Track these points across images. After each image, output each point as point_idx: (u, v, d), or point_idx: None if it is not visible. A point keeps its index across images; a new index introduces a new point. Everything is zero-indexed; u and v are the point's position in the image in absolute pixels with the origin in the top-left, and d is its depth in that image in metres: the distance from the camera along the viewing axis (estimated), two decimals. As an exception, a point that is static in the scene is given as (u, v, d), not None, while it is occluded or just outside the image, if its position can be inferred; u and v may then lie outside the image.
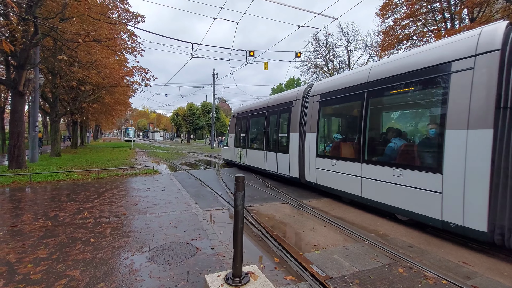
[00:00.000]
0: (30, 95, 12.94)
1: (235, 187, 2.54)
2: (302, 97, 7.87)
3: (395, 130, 5.30)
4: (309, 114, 7.47)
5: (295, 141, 7.92)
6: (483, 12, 12.58)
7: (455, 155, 3.92)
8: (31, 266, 3.11)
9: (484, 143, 3.61)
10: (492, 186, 3.54)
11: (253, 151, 10.77)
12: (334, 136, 6.90)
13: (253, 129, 11.26)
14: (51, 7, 9.67)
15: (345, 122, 7.06)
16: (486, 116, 3.63)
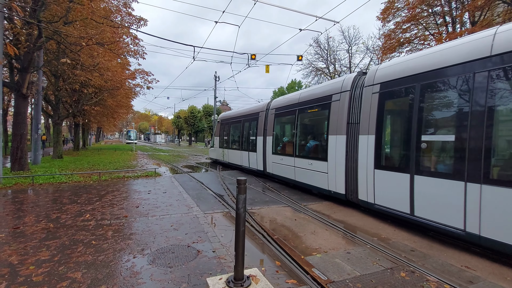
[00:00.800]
0: (33, 98, 13.04)
1: (237, 190, 2.55)
2: (266, 110, 10.26)
3: (311, 136, 7.85)
4: (269, 123, 9.79)
5: (260, 143, 10.28)
6: (485, 16, 12.61)
7: (332, 150, 6.53)
8: (33, 268, 3.11)
9: (341, 143, 6.23)
10: (347, 168, 6.12)
11: (233, 151, 13.20)
12: (283, 139, 9.28)
13: (233, 133, 13.56)
14: (55, 11, 9.77)
15: (288, 129, 9.15)
16: (341, 127, 6.26)
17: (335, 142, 6.45)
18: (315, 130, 7.94)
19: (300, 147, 7.96)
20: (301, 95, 8.14)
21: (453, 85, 4.08)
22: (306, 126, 8.23)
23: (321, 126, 7.50)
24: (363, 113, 5.71)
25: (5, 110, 19.83)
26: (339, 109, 6.38)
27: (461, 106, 3.97)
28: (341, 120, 6.29)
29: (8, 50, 6.28)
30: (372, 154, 5.38)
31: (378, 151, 5.29)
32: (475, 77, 3.72)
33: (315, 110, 7.45)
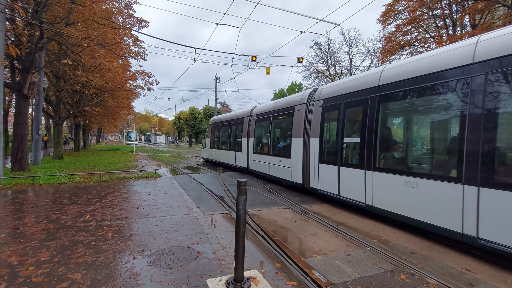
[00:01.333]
0: (34, 98, 13.06)
1: (237, 191, 2.55)
2: (249, 115, 11.69)
3: (280, 138, 9.55)
4: (251, 127, 11.33)
5: (245, 144, 11.79)
6: (485, 19, 12.65)
7: (295, 149, 8.06)
8: (32, 269, 3.11)
9: (300, 144, 7.80)
10: (303, 163, 7.69)
11: (222, 151, 14.77)
12: (262, 140, 10.74)
13: (222, 135, 15.19)
14: (57, 12, 9.82)
15: (265, 132, 10.58)
16: (300, 131, 7.85)
17: (296, 143, 8.08)
18: (283, 134, 9.48)
19: (273, 147, 9.70)
20: (275, 105, 9.92)
21: (360, 103, 5.82)
22: (278, 130, 9.87)
23: (287, 130, 8.87)
24: (312, 121, 7.45)
25: (6, 111, 19.87)
26: (299, 117, 8.07)
27: (363, 118, 5.67)
28: (300, 126, 7.95)
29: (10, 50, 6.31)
30: (317, 152, 7.16)
31: (321, 150, 7.08)
32: (370, 100, 5.57)
33: (283, 117, 9.17)
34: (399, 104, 5.28)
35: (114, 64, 13.94)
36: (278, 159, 9.01)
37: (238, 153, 12.43)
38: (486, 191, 3.54)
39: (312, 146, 7.31)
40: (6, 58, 9.40)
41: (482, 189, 3.58)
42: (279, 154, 9.06)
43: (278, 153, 9.19)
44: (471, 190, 3.70)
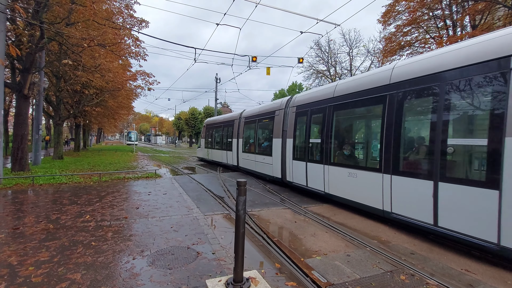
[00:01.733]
0: (34, 98, 13.08)
1: (237, 191, 2.55)
2: (239, 118, 13.04)
3: (264, 138, 10.72)
4: (240, 128, 12.71)
5: (235, 144, 13.05)
6: (485, 20, 12.64)
7: (275, 148, 9.28)
8: (32, 269, 3.11)
9: (279, 144, 9.01)
10: (282, 160, 8.92)
11: (215, 150, 16.11)
12: (250, 141, 11.93)
13: (215, 136, 16.40)
14: (58, 12, 9.82)
15: (252, 133, 11.81)
16: (280, 133, 9.06)
17: (276, 143, 9.32)
18: (266, 135, 10.56)
19: (259, 147, 10.95)
20: (260, 109, 11.24)
21: (321, 111, 7.21)
22: (262, 132, 11.03)
23: (269, 132, 10.05)
24: (288, 124, 8.70)
25: (6, 111, 19.88)
26: (278, 121, 9.32)
27: (323, 122, 7.08)
28: (279, 129, 9.17)
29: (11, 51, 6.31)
30: (291, 150, 8.40)
31: (294, 149, 8.32)
32: (327, 108, 6.94)
33: (266, 121, 10.35)
34: (345, 113, 6.67)
35: (115, 64, 13.94)
36: (262, 157, 10.33)
37: (229, 152, 13.72)
38: (396, 178, 4.93)
39: (288, 145, 8.63)
40: (7, 58, 9.41)
41: (394, 176, 4.96)
42: (263, 153, 10.34)
43: (262, 152, 10.49)
44: (387, 178, 5.08)
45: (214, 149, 16.28)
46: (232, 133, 13.53)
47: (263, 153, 10.35)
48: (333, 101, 6.72)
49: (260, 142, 10.94)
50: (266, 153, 10.05)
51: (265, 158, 10.07)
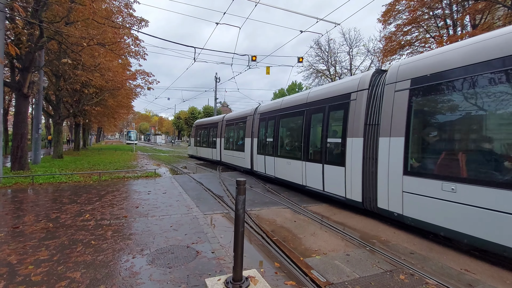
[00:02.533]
0: (34, 97, 13.04)
1: (236, 191, 2.55)
2: (222, 120, 15.09)
3: (239, 138, 12.70)
4: (223, 129, 14.83)
5: (218, 142, 15.37)
6: (485, 19, 12.64)
7: (246, 145, 11.60)
8: (32, 268, 3.11)
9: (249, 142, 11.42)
10: (251, 155, 11.17)
11: (202, 148, 18.64)
12: (229, 139, 14.04)
13: (203, 135, 18.82)
14: (57, 11, 9.80)
15: (231, 134, 13.97)
16: (250, 134, 11.38)
17: (247, 142, 11.55)
18: (240, 134, 12.84)
19: (236, 144, 13.28)
20: (237, 114, 13.76)
21: (273, 118, 9.54)
22: (238, 132, 13.22)
23: (243, 133, 12.37)
24: (254, 127, 11.07)
25: (6, 110, 19.85)
26: (249, 124, 11.57)
27: (274, 126, 9.42)
28: (249, 130, 11.42)
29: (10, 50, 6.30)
30: (255, 146, 10.76)
31: (258, 146, 10.54)
32: (276, 116, 9.36)
33: (241, 124, 12.64)
34: (286, 120, 9.03)
35: (114, 64, 13.93)
36: (238, 153, 12.66)
37: (214, 149, 16.15)
38: (308, 163, 7.45)
39: (254, 143, 10.95)
40: (6, 57, 9.38)
41: (309, 163, 7.38)
42: (239, 149, 12.66)
43: (238, 149, 12.82)
44: (304, 163, 7.59)
45: (201, 147, 18.93)
46: (216, 133, 16.00)
47: (238, 150, 12.68)
48: (280, 111, 9.25)
49: (236, 141, 13.34)
50: (240, 150, 12.38)
51: (240, 153, 12.46)
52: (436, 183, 4.12)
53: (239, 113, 13.53)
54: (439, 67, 4.30)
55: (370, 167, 5.48)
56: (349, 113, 6.09)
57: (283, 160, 8.70)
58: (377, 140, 5.28)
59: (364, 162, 5.64)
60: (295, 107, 8.29)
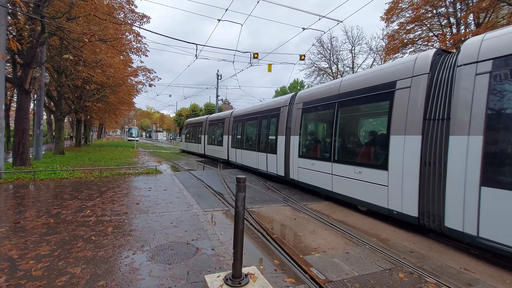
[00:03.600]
0: (35, 93, 13.09)
1: (236, 188, 2.55)
2: (206, 120, 18.23)
3: (219, 135, 15.57)
4: (206, 128, 18.06)
5: (203, 139, 18.39)
6: (489, 18, 12.53)
7: (224, 141, 14.64)
8: (32, 263, 3.13)
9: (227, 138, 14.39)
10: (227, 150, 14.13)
11: (191, 143, 21.53)
12: (211, 136, 16.91)
13: (191, 133, 21.84)
14: (58, 6, 9.79)
15: (213, 132, 16.84)
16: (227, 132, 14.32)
17: (225, 138, 14.21)
18: (220, 133, 15.41)
19: (216, 140, 15.94)
20: (218, 116, 16.50)
21: (241, 120, 12.34)
22: (218, 130, 15.95)
23: (222, 131, 15.03)
24: (230, 127, 13.60)
25: (7, 106, 19.90)
26: (226, 125, 14.17)
27: (242, 127, 12.33)
28: (227, 129, 14.05)
29: (11, 45, 6.29)
30: (231, 142, 13.31)
31: (233, 141, 13.06)
32: (241, 120, 12.50)
33: (220, 124, 15.46)
34: (248, 122, 11.77)
35: (116, 60, 13.91)
36: (219, 147, 15.27)
37: (200, 144, 19.03)
38: (260, 153, 10.17)
39: (231, 139, 13.46)
40: (8, 53, 9.39)
41: (260, 153, 10.22)
42: (219, 144, 15.41)
43: (218, 143, 15.49)
44: (257, 153, 10.46)
45: (190, 142, 21.91)
46: (201, 131, 18.91)
47: (218, 144, 15.49)
48: (236, 117, 12.87)
49: (217, 137, 16.05)
50: (220, 144, 15.17)
51: (219, 147, 15.22)
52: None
53: (219, 115, 16.63)
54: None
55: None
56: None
57: (247, 152, 11.50)
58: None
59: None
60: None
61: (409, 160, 4.63)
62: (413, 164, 4.57)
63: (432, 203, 4.32)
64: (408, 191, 4.64)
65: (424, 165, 4.45)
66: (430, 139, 4.43)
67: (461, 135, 3.92)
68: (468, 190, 3.79)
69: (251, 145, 11.31)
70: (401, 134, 4.84)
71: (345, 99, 6.27)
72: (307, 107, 7.86)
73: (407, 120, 4.76)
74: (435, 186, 4.28)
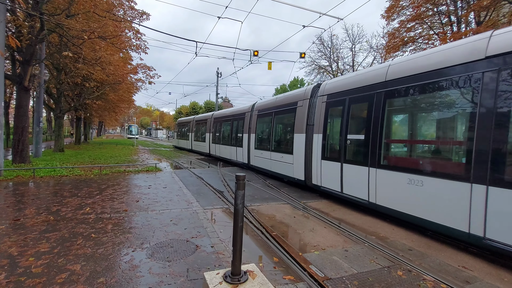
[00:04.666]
0: (35, 91, 13.07)
1: (236, 186, 2.55)
2: (193, 120, 21.17)
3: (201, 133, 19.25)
4: (193, 126, 20.84)
5: (190, 136, 21.36)
6: (490, 16, 12.48)
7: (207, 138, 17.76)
8: (32, 260, 3.14)
9: (208, 135, 17.22)
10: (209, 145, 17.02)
11: (181, 140, 24.69)
12: (197, 133, 19.83)
13: (181, 131, 25.10)
14: (58, 3, 9.74)
15: (198, 130, 19.77)
16: (209, 130, 17.06)
17: (207, 136, 16.84)
18: (203, 130, 18.11)
19: (201, 138, 18.69)
20: (202, 116, 19.48)
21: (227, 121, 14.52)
22: (201, 128, 18.92)
23: (204, 129, 17.81)
24: (212, 128, 16.37)
25: (7, 103, 19.85)
26: (209, 124, 16.91)
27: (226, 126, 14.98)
28: (209, 129, 16.65)
29: (10, 42, 6.27)
30: (211, 138, 16.32)
31: (213, 137, 16.09)
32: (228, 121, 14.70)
33: (203, 123, 18.33)
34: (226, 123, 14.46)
35: (115, 57, 13.86)
36: (201, 143, 18.57)
37: (188, 141, 22.21)
38: (238, 148, 12.26)
39: (210, 136, 16.40)
40: (7, 50, 9.36)
41: (238, 148, 12.22)
42: (201, 140, 18.50)
43: (201, 140, 18.62)
44: (235, 148, 12.54)
45: (180, 139, 25.18)
46: (189, 129, 21.99)
47: (201, 140, 18.62)
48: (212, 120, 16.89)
49: (201, 135, 18.89)
50: (202, 140, 18.14)
51: (201, 143, 18.44)
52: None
53: (203, 116, 19.56)
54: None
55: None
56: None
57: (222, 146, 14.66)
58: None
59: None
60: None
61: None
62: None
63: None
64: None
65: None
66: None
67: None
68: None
69: (227, 140, 13.83)
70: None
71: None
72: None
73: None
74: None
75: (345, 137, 6.12)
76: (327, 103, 6.94)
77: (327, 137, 6.89)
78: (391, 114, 5.35)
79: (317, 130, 7.20)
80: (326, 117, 6.91)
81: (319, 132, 7.09)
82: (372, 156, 5.33)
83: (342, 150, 6.18)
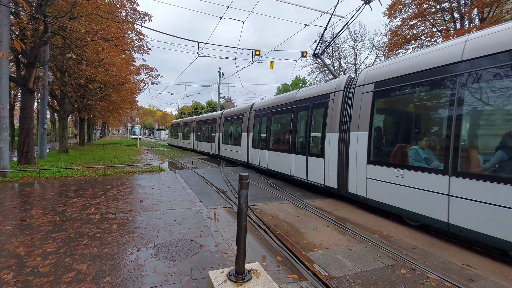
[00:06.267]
0: (39, 93, 13.17)
1: (239, 185, 2.57)
2: (182, 122, 26.76)
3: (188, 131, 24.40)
4: (181, 127, 26.47)
5: (180, 135, 26.64)
6: (493, 13, 12.38)
7: (191, 136, 22.84)
8: (39, 259, 3.19)
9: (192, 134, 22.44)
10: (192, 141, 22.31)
11: (174, 139, 28.80)
12: (197, 133, 20.82)
13: (174, 131, 29.47)
14: (61, 6, 9.83)
15: (187, 130, 24.39)
16: (193, 129, 21.88)
17: (191, 135, 21.78)
18: (188, 130, 22.89)
19: (184, 135, 24.22)
20: (188, 119, 23.86)
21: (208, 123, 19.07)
22: (186, 129, 23.19)
23: (189, 129, 22.55)
24: (196, 128, 20.78)
25: (11, 105, 20.06)
26: (192, 125, 21.73)
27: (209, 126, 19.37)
28: (193, 129, 21.42)
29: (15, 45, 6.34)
30: (195, 137, 20.77)
31: (197, 137, 20.36)
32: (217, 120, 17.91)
33: (189, 125, 22.63)
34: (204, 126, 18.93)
35: (118, 59, 13.97)
36: (186, 140, 22.82)
37: (178, 139, 26.92)
38: (222, 145, 15.22)
39: (195, 135, 20.20)
40: (11, 52, 9.46)
41: (222, 145, 15.23)
42: (187, 138, 22.55)
43: (186, 138, 22.99)
44: (217, 144, 15.95)
45: (173, 138, 29.63)
46: (178, 130, 26.81)
47: (186, 139, 22.89)
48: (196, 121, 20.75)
49: (186, 133, 22.93)
50: (188, 138, 22.29)
51: (186, 140, 22.78)
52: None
53: (189, 118, 23.15)
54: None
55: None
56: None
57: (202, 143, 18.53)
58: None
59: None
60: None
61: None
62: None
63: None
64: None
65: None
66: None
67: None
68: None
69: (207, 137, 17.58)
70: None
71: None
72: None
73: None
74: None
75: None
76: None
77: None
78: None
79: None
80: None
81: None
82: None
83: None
